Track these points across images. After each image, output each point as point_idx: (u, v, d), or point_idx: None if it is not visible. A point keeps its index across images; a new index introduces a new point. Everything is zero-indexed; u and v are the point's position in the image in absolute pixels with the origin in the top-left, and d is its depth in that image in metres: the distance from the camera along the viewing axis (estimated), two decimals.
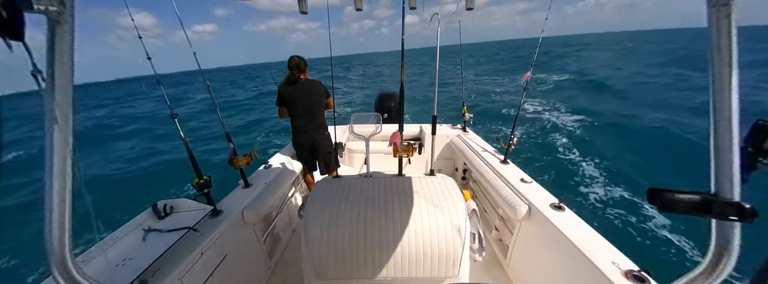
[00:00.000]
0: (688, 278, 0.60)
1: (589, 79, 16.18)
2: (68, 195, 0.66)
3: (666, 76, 15.56)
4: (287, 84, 2.62)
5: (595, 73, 18.17)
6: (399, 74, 2.05)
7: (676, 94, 11.11)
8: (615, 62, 24.72)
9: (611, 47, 46.54)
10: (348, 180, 1.69)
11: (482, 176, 2.40)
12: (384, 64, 52.44)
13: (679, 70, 16.41)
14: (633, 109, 9.66)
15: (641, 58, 26.40)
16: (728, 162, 0.53)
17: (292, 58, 2.59)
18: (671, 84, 13.42)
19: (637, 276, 1.25)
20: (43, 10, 0.53)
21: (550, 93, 13.71)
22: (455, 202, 1.45)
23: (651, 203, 0.59)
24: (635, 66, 20.75)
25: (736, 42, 0.49)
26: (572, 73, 19.06)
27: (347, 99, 16.51)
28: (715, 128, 0.54)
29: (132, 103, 25.84)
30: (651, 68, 18.96)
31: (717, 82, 0.52)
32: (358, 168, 3.82)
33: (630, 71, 18.35)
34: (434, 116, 2.20)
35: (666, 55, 26.41)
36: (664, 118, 8.23)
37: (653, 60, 23.87)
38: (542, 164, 6.24)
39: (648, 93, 11.93)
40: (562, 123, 8.77)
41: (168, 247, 1.46)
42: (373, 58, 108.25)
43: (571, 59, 30.22)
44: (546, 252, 1.76)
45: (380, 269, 1.40)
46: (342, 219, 1.40)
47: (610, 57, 30.41)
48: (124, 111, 20.84)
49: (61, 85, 0.59)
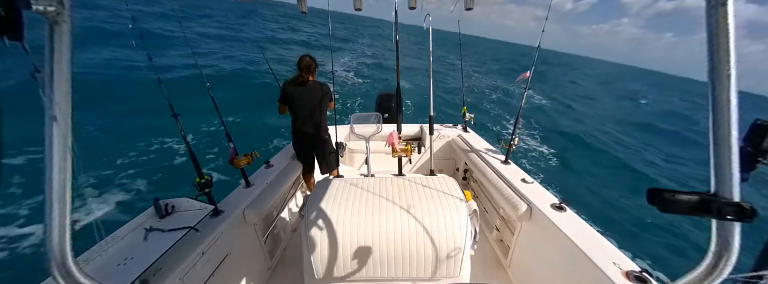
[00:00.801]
0: (688, 278, 0.60)
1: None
2: (68, 195, 0.66)
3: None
4: (294, 84, 2.59)
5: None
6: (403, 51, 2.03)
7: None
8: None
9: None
10: (348, 180, 1.69)
11: (483, 176, 2.40)
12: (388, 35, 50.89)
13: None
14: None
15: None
16: (727, 162, 0.53)
17: (303, 58, 2.54)
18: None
19: (638, 276, 1.25)
20: (41, 10, 0.53)
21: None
22: (456, 202, 1.45)
23: (650, 203, 0.59)
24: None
25: (734, 42, 0.49)
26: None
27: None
28: (714, 128, 0.53)
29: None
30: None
31: (716, 82, 0.52)
32: (359, 168, 3.82)
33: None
34: (431, 116, 2.20)
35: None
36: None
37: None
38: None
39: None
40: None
41: (169, 247, 1.46)
42: (379, 24, 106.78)
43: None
44: (547, 252, 1.76)
45: (380, 269, 1.40)
46: (342, 218, 1.40)
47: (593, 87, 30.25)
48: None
49: (61, 84, 0.59)
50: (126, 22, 12.89)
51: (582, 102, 18.55)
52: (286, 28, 32.43)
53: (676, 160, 9.69)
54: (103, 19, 15.12)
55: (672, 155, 10.10)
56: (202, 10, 35.04)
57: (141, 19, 14.44)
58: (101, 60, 10.73)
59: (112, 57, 11.02)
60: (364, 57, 22.14)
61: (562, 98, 17.54)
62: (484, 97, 14.45)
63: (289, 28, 32.94)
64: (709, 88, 0.53)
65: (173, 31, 15.75)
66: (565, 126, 11.31)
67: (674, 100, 31.20)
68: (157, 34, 15.08)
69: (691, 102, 30.32)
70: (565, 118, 13.00)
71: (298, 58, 2.54)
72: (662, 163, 9.13)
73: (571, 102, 17.22)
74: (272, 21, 37.46)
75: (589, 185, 6.39)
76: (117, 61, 10.62)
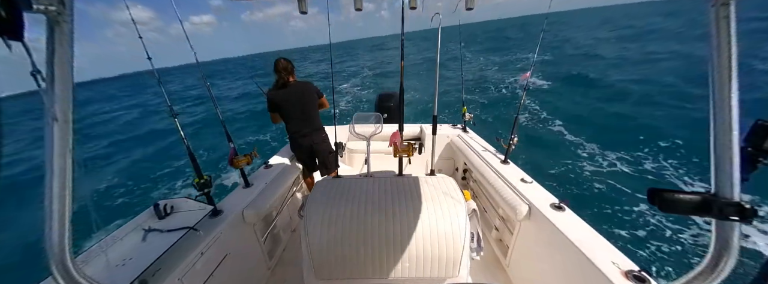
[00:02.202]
0: (688, 278, 0.60)
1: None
2: (68, 195, 0.66)
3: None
4: (276, 88, 2.52)
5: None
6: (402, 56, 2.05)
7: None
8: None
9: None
10: (348, 180, 1.69)
11: (482, 176, 2.40)
12: (391, 47, 52.12)
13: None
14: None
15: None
16: (728, 162, 0.53)
17: (279, 61, 2.48)
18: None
19: (637, 276, 1.25)
20: (42, 10, 0.53)
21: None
22: (455, 202, 1.45)
23: (651, 203, 0.59)
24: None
25: (736, 42, 0.49)
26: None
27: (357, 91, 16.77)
28: (715, 128, 0.53)
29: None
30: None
31: (717, 81, 0.52)
32: (359, 168, 3.81)
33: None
34: (434, 116, 2.20)
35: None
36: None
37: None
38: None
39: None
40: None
41: (168, 247, 1.45)
42: (375, 42, 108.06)
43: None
44: (546, 252, 1.76)
45: (380, 269, 1.40)
46: (342, 219, 1.40)
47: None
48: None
49: (61, 84, 0.59)
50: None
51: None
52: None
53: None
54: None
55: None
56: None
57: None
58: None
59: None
60: (366, 69, 23.98)
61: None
62: (487, 90, 14.20)
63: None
64: (710, 88, 0.53)
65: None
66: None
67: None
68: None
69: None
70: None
71: (274, 63, 2.49)
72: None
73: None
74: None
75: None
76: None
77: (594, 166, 5.77)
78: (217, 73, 40.57)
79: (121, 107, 23.48)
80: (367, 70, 23.85)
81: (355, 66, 25.52)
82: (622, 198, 4.70)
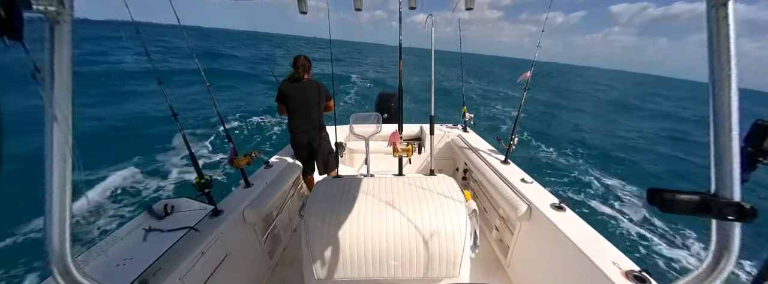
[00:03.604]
0: (688, 278, 0.60)
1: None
2: (68, 195, 0.66)
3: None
4: (289, 81, 2.62)
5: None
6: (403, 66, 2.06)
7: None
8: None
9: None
10: (348, 180, 1.69)
11: (483, 176, 2.40)
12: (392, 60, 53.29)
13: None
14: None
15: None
16: (728, 162, 0.53)
17: (298, 58, 2.62)
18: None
19: (638, 276, 1.25)
20: (42, 10, 0.53)
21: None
22: (456, 202, 1.45)
23: (651, 203, 0.59)
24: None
25: (734, 42, 0.49)
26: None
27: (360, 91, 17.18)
28: (715, 128, 0.53)
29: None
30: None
31: (716, 82, 0.52)
32: (358, 168, 3.82)
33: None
34: (432, 116, 2.20)
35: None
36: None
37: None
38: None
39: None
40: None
41: (169, 247, 1.46)
42: (378, 50, 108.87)
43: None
44: (546, 252, 1.76)
45: (380, 269, 1.40)
46: (342, 219, 1.40)
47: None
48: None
49: (61, 84, 0.59)
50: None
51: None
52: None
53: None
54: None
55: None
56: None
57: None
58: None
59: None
60: (368, 71, 25.27)
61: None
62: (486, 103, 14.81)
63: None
64: (709, 88, 0.53)
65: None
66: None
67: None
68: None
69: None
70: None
71: (294, 59, 2.61)
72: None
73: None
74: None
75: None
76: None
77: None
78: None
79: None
80: (370, 73, 24.78)
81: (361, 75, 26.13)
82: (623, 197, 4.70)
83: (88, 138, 6.76)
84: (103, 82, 12.72)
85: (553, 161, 7.53)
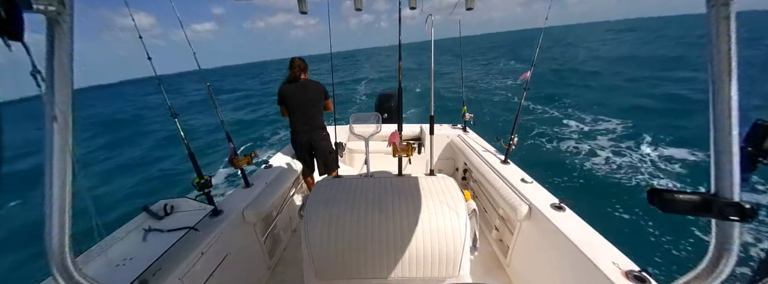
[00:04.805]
0: (688, 278, 0.60)
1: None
2: (68, 195, 0.66)
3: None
4: (287, 82, 2.66)
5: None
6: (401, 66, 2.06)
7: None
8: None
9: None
10: (348, 180, 1.69)
11: (482, 176, 2.40)
12: (389, 61, 53.55)
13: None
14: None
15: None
16: (728, 162, 0.53)
17: (294, 60, 2.66)
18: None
19: (638, 276, 1.25)
20: (42, 10, 0.53)
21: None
22: (455, 202, 1.45)
23: (651, 203, 0.59)
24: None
25: (735, 42, 0.49)
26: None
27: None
28: (715, 128, 0.53)
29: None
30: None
31: (717, 82, 0.52)
32: (358, 168, 3.81)
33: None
34: (431, 116, 2.20)
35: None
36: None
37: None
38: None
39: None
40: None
41: (169, 247, 1.46)
42: (373, 53, 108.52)
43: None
44: (546, 252, 1.76)
45: (380, 269, 1.40)
46: (342, 219, 1.40)
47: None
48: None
49: (61, 84, 0.59)
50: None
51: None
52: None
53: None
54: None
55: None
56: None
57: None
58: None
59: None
60: (371, 73, 25.84)
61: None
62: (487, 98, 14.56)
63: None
64: (709, 88, 0.53)
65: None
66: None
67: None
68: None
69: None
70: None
71: (290, 60, 2.68)
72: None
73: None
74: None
75: None
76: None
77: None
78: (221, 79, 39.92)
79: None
80: (373, 74, 25.32)
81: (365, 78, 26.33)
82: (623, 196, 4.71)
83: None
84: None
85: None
